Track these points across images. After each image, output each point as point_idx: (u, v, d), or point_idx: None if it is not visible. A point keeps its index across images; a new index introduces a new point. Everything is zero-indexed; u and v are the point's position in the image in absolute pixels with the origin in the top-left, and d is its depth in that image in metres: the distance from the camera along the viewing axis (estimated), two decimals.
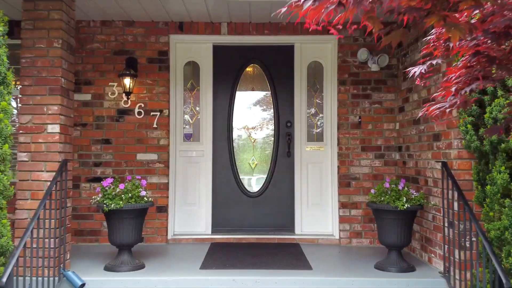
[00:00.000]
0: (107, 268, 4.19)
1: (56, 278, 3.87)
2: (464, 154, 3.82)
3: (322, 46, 5.67)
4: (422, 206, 4.29)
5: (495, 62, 1.64)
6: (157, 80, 5.49)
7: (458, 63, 1.86)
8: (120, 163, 5.42)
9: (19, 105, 4.22)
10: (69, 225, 4.20)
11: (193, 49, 5.68)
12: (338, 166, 5.51)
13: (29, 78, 4.04)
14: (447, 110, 1.84)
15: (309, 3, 1.37)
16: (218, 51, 5.72)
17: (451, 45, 1.90)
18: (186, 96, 5.73)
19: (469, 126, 3.45)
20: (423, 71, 2.07)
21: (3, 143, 3.43)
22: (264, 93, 5.86)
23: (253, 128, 5.87)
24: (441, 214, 4.09)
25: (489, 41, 1.61)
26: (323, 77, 5.70)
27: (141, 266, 4.27)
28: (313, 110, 5.73)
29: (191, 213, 5.60)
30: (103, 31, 5.45)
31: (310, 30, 1.69)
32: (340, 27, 1.78)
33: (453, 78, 1.83)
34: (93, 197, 4.30)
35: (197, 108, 5.72)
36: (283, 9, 1.51)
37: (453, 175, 3.85)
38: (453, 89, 1.79)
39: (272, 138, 5.80)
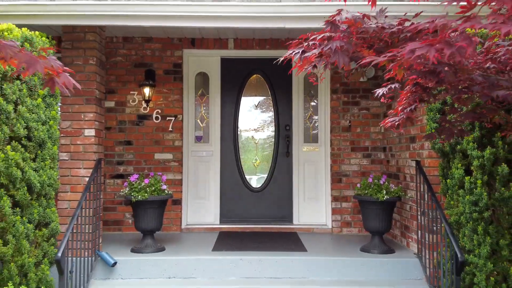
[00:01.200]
0: (134, 250, 4.96)
1: (92, 258, 4.63)
2: (433, 154, 4.58)
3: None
4: (400, 198, 5.05)
5: (426, 91, 2.38)
6: (172, 89, 6.25)
7: (405, 89, 2.61)
8: (140, 162, 6.19)
9: (59, 112, 4.98)
10: (101, 214, 4.97)
11: (203, 62, 6.45)
12: (330, 165, 6.27)
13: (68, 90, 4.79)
14: (396, 123, 2.59)
15: (297, 56, 2.12)
16: (225, 63, 6.48)
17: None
18: (197, 103, 6.49)
19: (433, 130, 4.21)
20: (385, 92, 2.83)
21: (53, 144, 4.20)
22: (265, 99, 6.62)
23: (256, 130, 6.64)
24: (416, 205, 4.85)
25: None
26: (318, 86, 6.46)
27: (162, 249, 5.04)
28: (309, 115, 6.49)
29: (201, 206, 6.37)
30: (125, 46, 6.21)
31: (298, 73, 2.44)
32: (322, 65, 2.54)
33: (402, 99, 2.58)
34: (121, 190, 5.07)
35: (207, 113, 6.48)
36: (281, 59, 2.26)
37: (425, 171, 4.61)
38: (399, 108, 2.54)
39: (273, 140, 6.57)
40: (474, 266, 3.85)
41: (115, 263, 4.63)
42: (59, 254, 3.80)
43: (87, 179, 4.69)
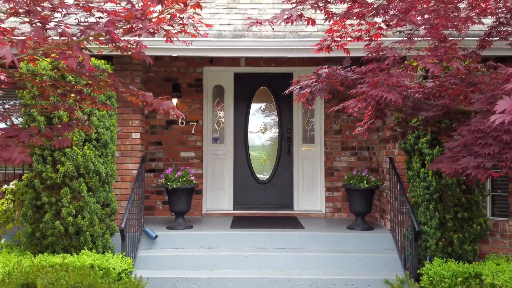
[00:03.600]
0: (168, 228, 6.33)
1: (139, 233, 5.99)
2: (401, 152, 5.94)
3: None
4: (378, 187, 6.41)
5: (380, 111, 3.70)
6: (194, 99, 7.61)
7: (367, 110, 3.95)
8: (168, 159, 7.55)
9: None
10: (143, 199, 6.33)
11: (219, 76, 7.81)
12: (324, 161, 7.63)
13: (119, 102, 6.17)
14: (361, 131, 3.93)
15: (297, 91, 3.46)
16: (238, 77, 7.84)
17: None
18: (214, 110, 7.85)
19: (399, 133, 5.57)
20: (356, 109, 4.18)
21: (113, 145, 5.57)
22: (271, 107, 7.99)
23: (262, 132, 8.00)
24: (390, 192, 6.21)
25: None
26: None
27: (191, 227, 6.40)
28: (306, 120, 7.85)
29: (218, 195, 7.73)
30: (156, 64, 7.57)
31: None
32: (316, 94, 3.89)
33: (365, 117, 3.93)
34: (158, 180, 6.44)
35: (222, 119, 7.85)
36: (286, 92, 3.60)
37: (396, 166, 5.97)
38: (363, 122, 3.87)
39: (277, 140, 7.92)
40: (427, 234, 5.21)
41: (156, 236, 5.99)
42: (123, 225, 5.16)
43: (134, 171, 6.06)
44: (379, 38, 4.07)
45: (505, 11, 4.30)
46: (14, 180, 5.85)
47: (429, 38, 3.85)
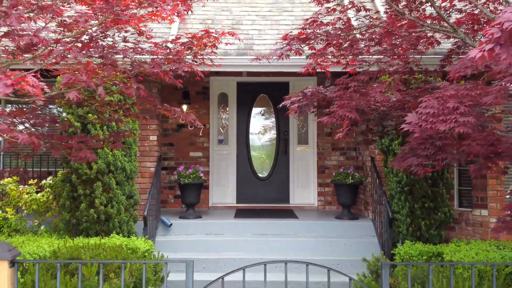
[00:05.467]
0: (181, 217, 7.34)
1: (156, 221, 7.00)
2: (380, 152, 6.94)
3: (306, 83, 8.76)
4: (362, 182, 7.43)
5: (356, 124, 4.71)
6: (202, 105, 8.62)
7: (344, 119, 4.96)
8: (179, 158, 8.56)
9: None
10: (160, 193, 7.34)
11: (224, 85, 8.82)
12: (317, 160, 8.64)
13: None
14: (341, 136, 4.93)
15: (289, 105, 4.45)
16: (240, 86, 8.85)
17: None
18: (219, 115, 8.86)
19: (376, 137, 6.57)
20: (329, 123, 5.18)
21: (135, 145, 6.58)
22: (269, 112, 8.99)
23: (262, 134, 9.00)
24: (371, 186, 7.21)
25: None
26: None
27: (200, 217, 7.42)
28: (301, 124, 8.86)
29: (223, 190, 8.74)
30: None
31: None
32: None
33: (344, 124, 4.94)
34: (172, 177, 7.44)
35: (226, 123, 8.85)
36: (280, 105, 4.61)
37: (376, 164, 6.98)
38: (342, 129, 4.88)
39: (275, 142, 8.93)
40: (400, 221, 6.23)
41: (171, 224, 7.00)
42: (145, 213, 6.18)
43: (152, 169, 7.07)
44: (354, 62, 5.09)
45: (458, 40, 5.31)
46: (49, 176, 6.85)
47: (389, 60, 4.89)
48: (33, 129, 3.88)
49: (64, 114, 6.32)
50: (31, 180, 6.65)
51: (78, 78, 2.97)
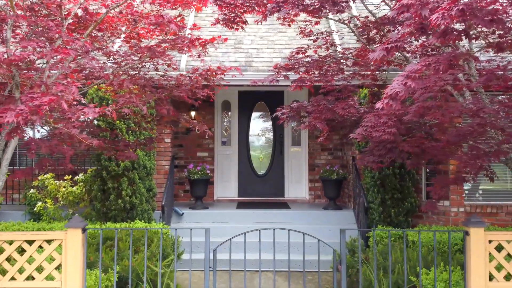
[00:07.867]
0: (190, 208, 8.62)
1: (170, 211, 8.27)
2: (359, 152, 8.20)
3: (300, 92, 10.05)
4: (346, 178, 8.71)
5: (333, 130, 5.97)
6: (208, 111, 9.89)
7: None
8: (188, 157, 9.84)
9: None
10: (173, 187, 8.62)
11: (227, 94, 10.08)
12: (308, 160, 9.92)
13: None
14: (321, 140, 6.20)
15: (280, 115, 5.71)
16: (241, 94, 10.13)
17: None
18: (223, 119, 10.13)
19: (355, 141, 7.83)
20: (306, 130, 6.47)
21: (154, 147, 7.86)
22: (266, 117, 10.27)
23: (260, 136, 10.28)
24: (352, 181, 8.48)
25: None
26: None
27: (207, 208, 8.70)
28: (295, 128, 10.12)
29: (226, 186, 10.02)
30: None
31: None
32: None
33: (324, 131, 6.20)
34: (182, 174, 8.72)
35: (229, 126, 10.13)
36: (273, 115, 5.87)
37: (356, 163, 8.25)
38: (322, 134, 6.14)
39: (271, 143, 10.20)
40: (373, 210, 7.51)
41: (183, 214, 8.28)
42: (163, 203, 7.46)
43: (166, 167, 8.35)
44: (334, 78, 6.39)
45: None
46: (81, 173, 8.13)
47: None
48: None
49: (95, 122, 7.59)
50: (66, 176, 7.94)
51: (131, 100, 4.27)
